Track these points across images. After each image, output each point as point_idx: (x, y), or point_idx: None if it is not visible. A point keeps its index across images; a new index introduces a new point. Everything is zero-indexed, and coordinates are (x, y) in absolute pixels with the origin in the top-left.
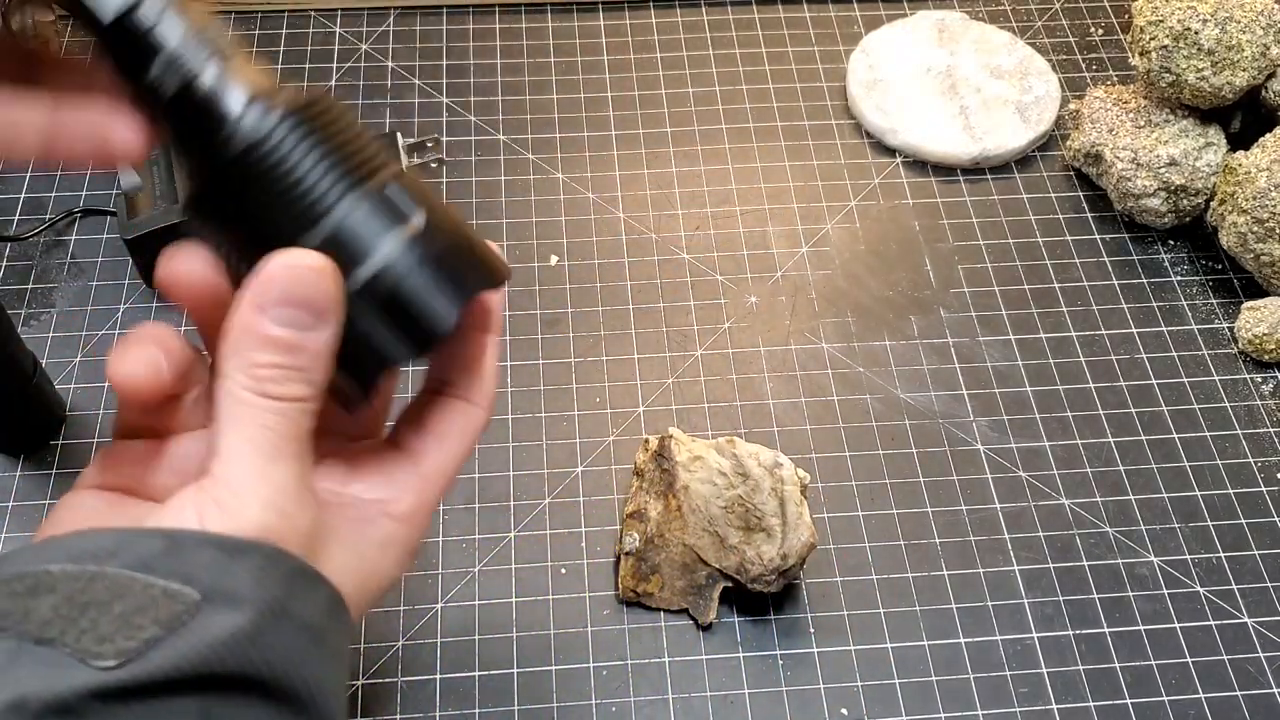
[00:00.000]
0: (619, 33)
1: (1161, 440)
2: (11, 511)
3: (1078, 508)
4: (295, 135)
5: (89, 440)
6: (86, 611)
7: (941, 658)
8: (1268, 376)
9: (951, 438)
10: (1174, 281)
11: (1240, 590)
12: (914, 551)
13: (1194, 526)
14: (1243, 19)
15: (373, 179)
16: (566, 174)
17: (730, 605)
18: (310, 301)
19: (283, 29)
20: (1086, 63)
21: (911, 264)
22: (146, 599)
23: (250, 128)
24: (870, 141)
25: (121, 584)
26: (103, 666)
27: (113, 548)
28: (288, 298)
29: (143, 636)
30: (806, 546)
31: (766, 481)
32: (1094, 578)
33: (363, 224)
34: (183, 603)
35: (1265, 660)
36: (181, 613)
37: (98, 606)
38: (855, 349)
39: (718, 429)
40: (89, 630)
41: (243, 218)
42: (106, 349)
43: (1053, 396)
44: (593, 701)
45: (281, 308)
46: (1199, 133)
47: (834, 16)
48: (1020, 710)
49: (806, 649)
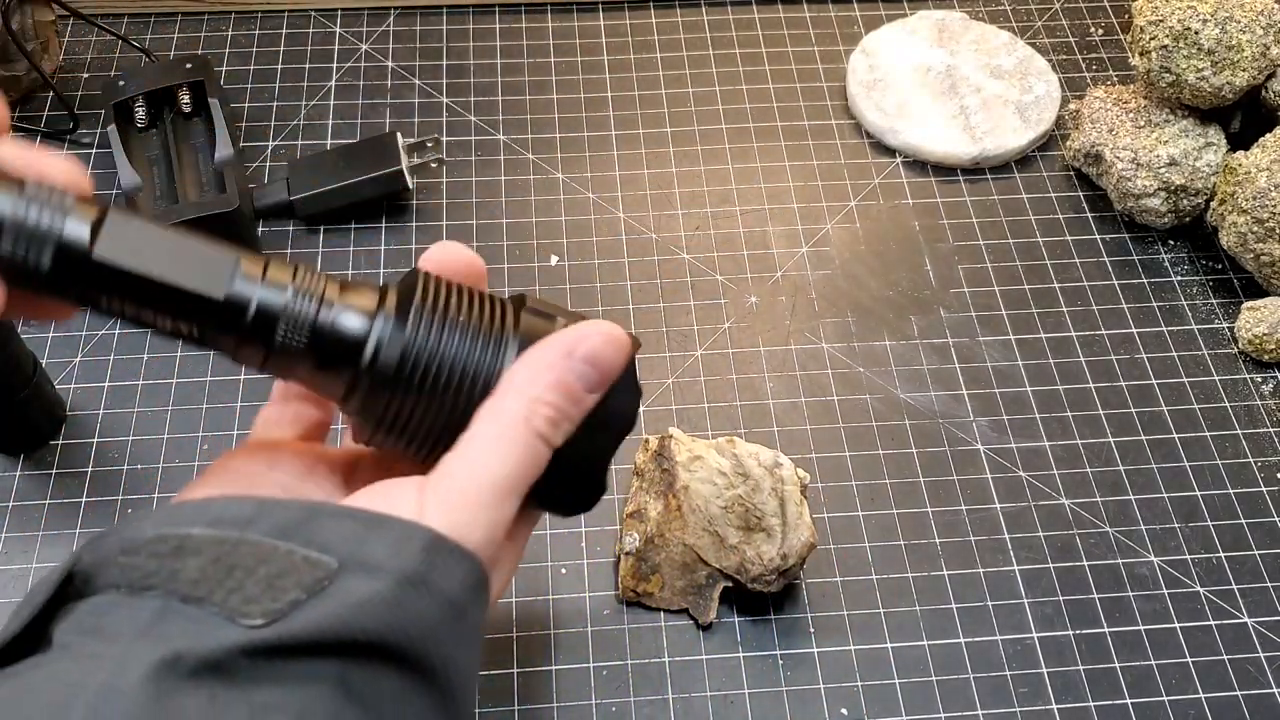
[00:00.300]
0: (619, 33)
1: (1161, 440)
2: (11, 511)
3: (1078, 508)
4: (428, 328)
5: (89, 440)
6: (233, 573)
7: (941, 658)
8: (1268, 376)
9: (951, 437)
10: (1174, 281)
11: (1240, 590)
12: (914, 551)
13: (1194, 526)
14: (1243, 19)
15: (508, 327)
16: (566, 174)
17: (730, 605)
18: (608, 368)
19: (283, 29)
20: (1086, 62)
21: (911, 264)
22: (288, 564)
23: (388, 343)
24: (870, 141)
25: (265, 550)
26: (250, 625)
27: (251, 515)
28: (594, 357)
29: (287, 599)
30: (806, 546)
31: (766, 481)
32: (1094, 578)
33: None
34: (322, 569)
35: (1265, 660)
36: (321, 579)
37: (243, 569)
38: (855, 349)
39: (718, 429)
40: (236, 590)
41: (415, 412)
42: (106, 349)
43: (1053, 396)
44: (593, 701)
45: (585, 364)
46: (1199, 133)
47: (834, 16)
48: (1020, 710)
49: (806, 649)
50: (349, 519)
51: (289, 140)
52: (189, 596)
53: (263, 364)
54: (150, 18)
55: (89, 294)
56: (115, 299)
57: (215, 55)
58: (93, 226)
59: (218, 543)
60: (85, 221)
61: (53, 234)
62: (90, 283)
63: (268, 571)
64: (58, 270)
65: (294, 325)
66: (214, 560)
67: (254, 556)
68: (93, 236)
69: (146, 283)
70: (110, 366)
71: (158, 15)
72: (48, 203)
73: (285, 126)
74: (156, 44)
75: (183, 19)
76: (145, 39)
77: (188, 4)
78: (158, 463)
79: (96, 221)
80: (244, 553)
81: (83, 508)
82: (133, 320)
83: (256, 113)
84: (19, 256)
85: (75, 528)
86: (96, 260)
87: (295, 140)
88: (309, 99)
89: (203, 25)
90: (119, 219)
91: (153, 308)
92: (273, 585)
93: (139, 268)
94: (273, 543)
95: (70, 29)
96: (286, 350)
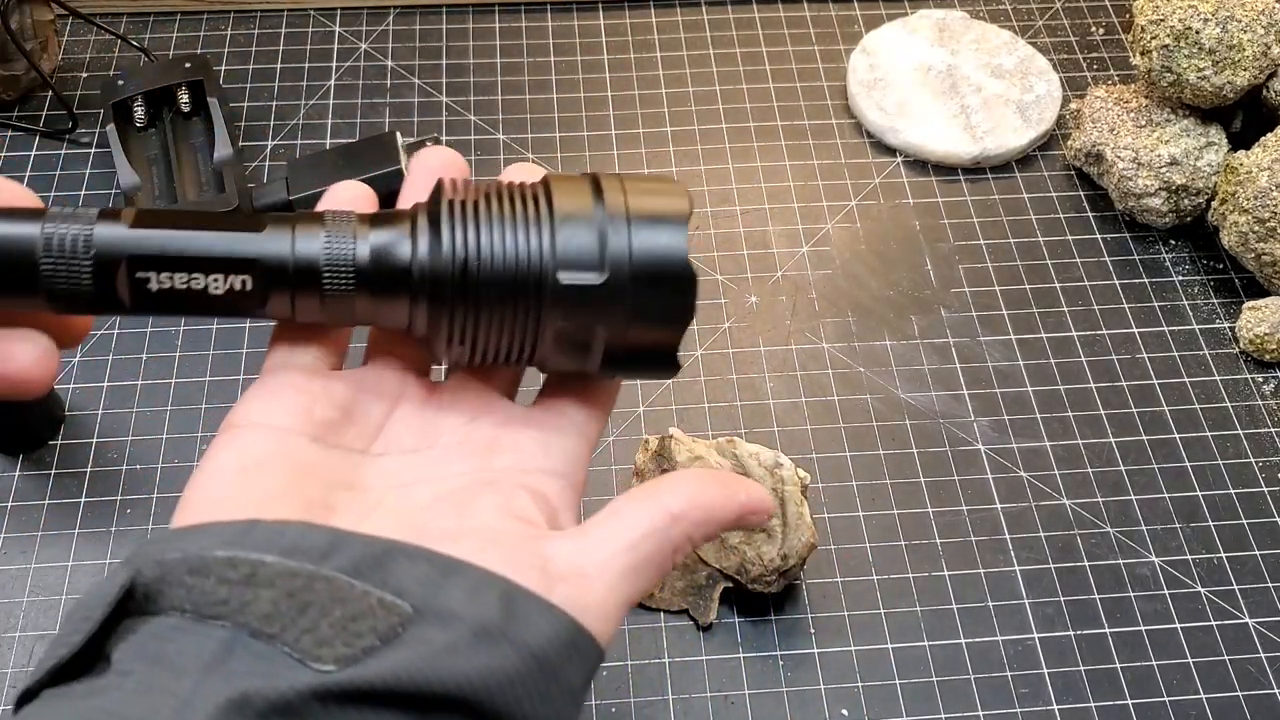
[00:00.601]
0: (619, 32)
1: (1163, 440)
2: (10, 511)
3: (1079, 508)
4: (464, 229)
5: (88, 440)
6: (306, 612)
7: (942, 658)
8: (1269, 376)
9: (952, 438)
10: (1175, 281)
11: (1241, 590)
12: (915, 552)
13: (1195, 527)
14: (1244, 18)
15: (542, 208)
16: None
17: (730, 606)
18: (745, 524)
19: (282, 28)
20: (1087, 62)
21: (912, 263)
22: (364, 607)
23: (430, 254)
24: (871, 141)
25: (340, 588)
26: (322, 669)
27: (326, 548)
28: (744, 519)
29: (361, 645)
30: (807, 547)
31: (767, 481)
32: (1095, 578)
33: (579, 238)
34: (397, 615)
35: (1266, 661)
36: (396, 625)
37: (318, 608)
38: (856, 349)
39: (718, 429)
40: (310, 631)
41: (479, 316)
42: (105, 349)
43: (1054, 396)
44: (593, 702)
45: (742, 514)
46: (1200, 132)
47: (834, 15)
48: (1021, 711)
49: (807, 649)
50: (425, 561)
51: (288, 140)
52: (259, 632)
53: (321, 313)
54: (149, 17)
55: (134, 301)
56: (158, 298)
57: (214, 54)
58: (123, 232)
59: (291, 575)
60: (115, 229)
61: (88, 250)
62: (132, 287)
63: (343, 613)
64: (101, 286)
65: (338, 266)
66: (288, 595)
67: (329, 595)
68: (124, 286)
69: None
70: (109, 366)
71: (157, 14)
72: (72, 222)
73: (284, 126)
74: (155, 43)
75: (182, 18)
76: (144, 38)
77: (187, 3)
78: (157, 463)
79: (127, 225)
80: (318, 590)
81: (81, 508)
82: (179, 312)
83: (256, 112)
84: (60, 282)
85: (74, 528)
86: (133, 260)
87: (294, 140)
88: (308, 98)
89: (202, 24)
90: (143, 215)
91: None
92: (347, 628)
93: (177, 250)
94: (349, 581)
95: (69, 28)
96: (337, 293)
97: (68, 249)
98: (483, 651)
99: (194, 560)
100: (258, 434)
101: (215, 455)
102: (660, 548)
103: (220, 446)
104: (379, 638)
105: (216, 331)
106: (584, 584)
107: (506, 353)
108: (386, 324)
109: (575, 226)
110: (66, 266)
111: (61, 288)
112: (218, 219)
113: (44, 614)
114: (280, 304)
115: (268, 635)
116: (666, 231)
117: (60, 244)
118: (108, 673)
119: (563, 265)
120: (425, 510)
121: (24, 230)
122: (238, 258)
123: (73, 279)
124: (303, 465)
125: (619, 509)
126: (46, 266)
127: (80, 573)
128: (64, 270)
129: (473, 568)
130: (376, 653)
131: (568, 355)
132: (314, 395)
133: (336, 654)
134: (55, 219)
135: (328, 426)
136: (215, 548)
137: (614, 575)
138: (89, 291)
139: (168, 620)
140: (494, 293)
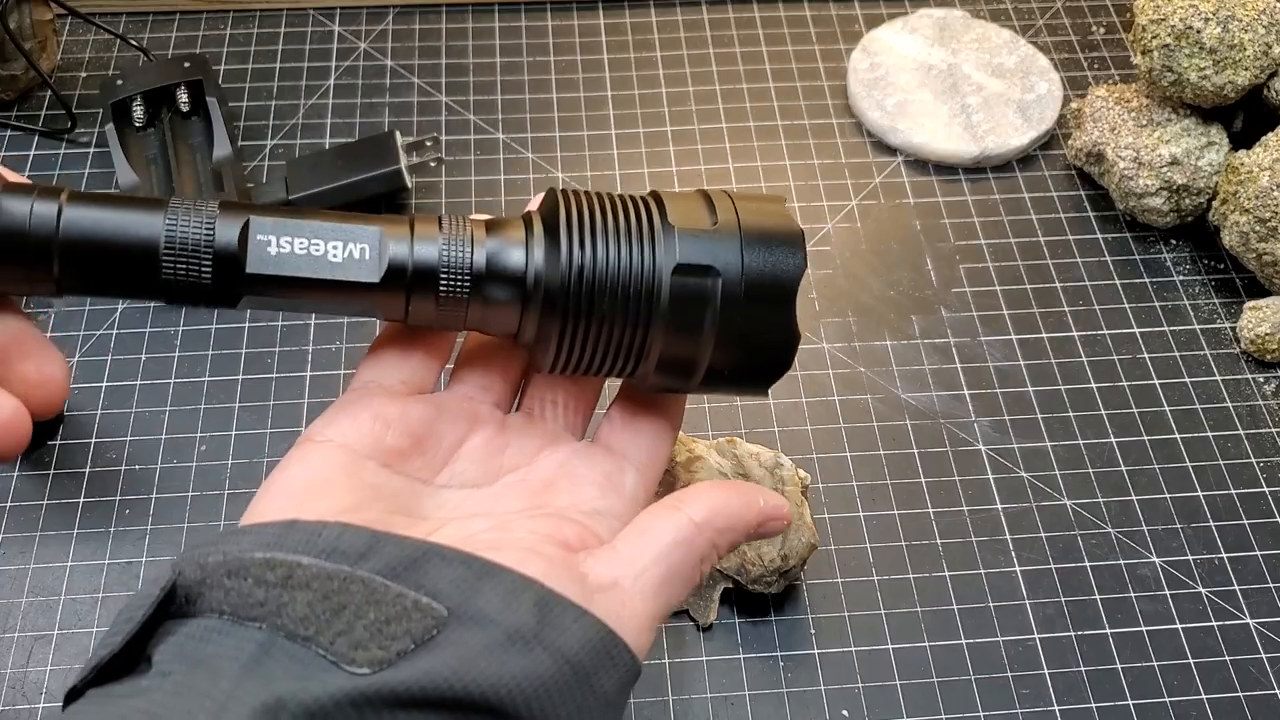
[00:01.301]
0: (619, 32)
1: (1164, 440)
2: (10, 511)
3: (1079, 508)
4: (580, 242)
5: (86, 440)
6: (341, 614)
7: (943, 659)
8: (1270, 376)
9: (953, 438)
10: (1176, 281)
11: (1242, 591)
12: (915, 552)
13: (1196, 527)
14: (1245, 18)
15: (655, 223)
16: (566, 173)
17: (731, 606)
18: (765, 531)
19: (281, 28)
20: (1088, 61)
21: (913, 263)
22: (399, 609)
23: (546, 265)
24: (871, 140)
25: (375, 590)
26: (357, 672)
27: (363, 549)
28: (765, 525)
29: (395, 648)
30: (807, 547)
31: (767, 482)
32: (1096, 579)
33: (694, 251)
34: (432, 617)
35: (1267, 661)
36: (431, 627)
37: (353, 610)
38: (856, 349)
39: (718, 429)
40: (344, 633)
41: (589, 328)
42: (104, 349)
43: (1055, 396)
44: None
45: (762, 520)
46: (1201, 132)
47: (835, 15)
48: (1022, 711)
49: (807, 650)
50: (461, 564)
51: (287, 139)
52: (295, 634)
53: (435, 316)
54: (148, 16)
55: (249, 298)
56: (272, 298)
57: (213, 54)
58: (239, 234)
59: (328, 577)
60: (233, 229)
61: (207, 247)
62: (249, 288)
63: (377, 616)
64: (218, 284)
65: (453, 273)
66: (323, 597)
67: (364, 597)
68: (241, 246)
69: (303, 283)
70: (108, 367)
71: (156, 14)
72: (193, 215)
73: (283, 125)
74: (154, 43)
75: (181, 18)
76: (143, 38)
77: (186, 3)
78: (155, 463)
79: (243, 229)
80: (354, 592)
81: (80, 508)
82: (291, 310)
83: (255, 112)
84: (180, 275)
85: (73, 528)
86: (250, 273)
87: (294, 139)
88: (307, 98)
89: (201, 24)
90: (262, 222)
91: (312, 303)
92: (382, 631)
93: (295, 272)
94: (384, 583)
95: (68, 28)
96: (452, 299)
97: (186, 253)
98: (517, 656)
99: (233, 562)
100: (330, 452)
101: (288, 468)
102: (688, 558)
103: (293, 460)
104: (414, 640)
105: (215, 331)
106: (619, 595)
107: (611, 364)
108: (494, 330)
109: (690, 240)
110: (185, 271)
111: (182, 279)
112: (335, 231)
113: (42, 614)
114: (394, 304)
115: (303, 638)
116: (780, 251)
117: (179, 247)
118: (149, 673)
119: (677, 277)
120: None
121: (148, 221)
122: (352, 285)
123: (192, 271)
124: (369, 488)
125: (644, 524)
126: (167, 261)
127: (78, 573)
128: (183, 262)
129: (509, 572)
130: (411, 656)
131: (670, 369)
132: (389, 421)
133: (371, 656)
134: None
135: (398, 454)
136: (254, 549)
137: (647, 586)
138: (208, 284)
139: (207, 622)
140: (607, 303)
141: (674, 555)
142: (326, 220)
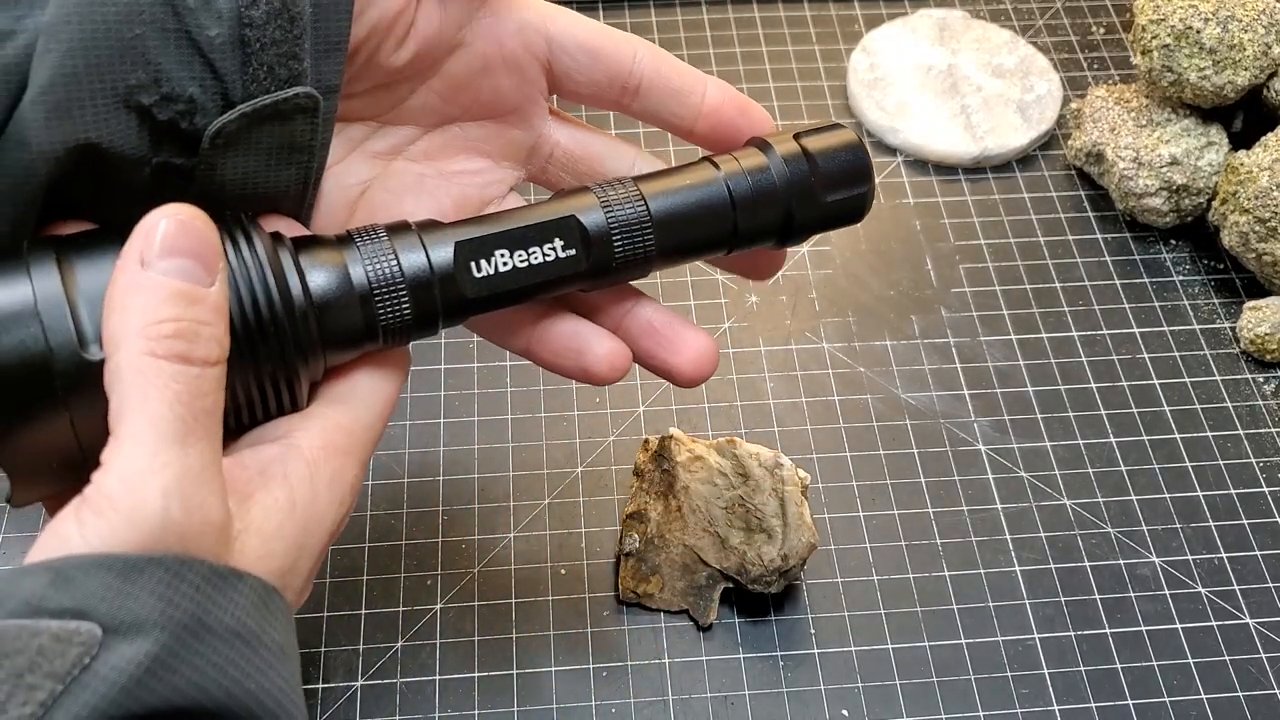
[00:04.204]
0: None
1: (1163, 440)
2: (9, 511)
3: (1079, 508)
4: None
5: None
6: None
7: (943, 659)
8: (1270, 376)
9: (953, 438)
10: (1176, 281)
11: (1242, 591)
12: (915, 552)
13: (1196, 527)
14: (1244, 18)
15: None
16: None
17: (731, 606)
18: (200, 252)
19: None
20: (1088, 61)
21: (913, 263)
22: (35, 650)
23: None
24: (871, 140)
25: (9, 637)
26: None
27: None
28: (175, 248)
29: (38, 699)
30: (807, 547)
31: (767, 482)
32: (1095, 578)
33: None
34: (80, 643)
35: (1267, 661)
36: (80, 655)
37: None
38: (856, 349)
39: (718, 429)
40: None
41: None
42: None
43: (1054, 396)
44: (593, 703)
45: (171, 259)
46: (1201, 132)
47: (835, 15)
48: (1022, 711)
49: (807, 650)
50: (104, 570)
51: None
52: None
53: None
54: None
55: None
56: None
57: None
58: (454, 263)
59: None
60: (443, 258)
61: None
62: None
63: (14, 666)
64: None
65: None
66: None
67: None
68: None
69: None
70: None
71: None
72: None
73: None
74: None
75: None
76: None
77: None
78: None
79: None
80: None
81: None
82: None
83: None
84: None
85: None
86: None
87: None
88: None
89: None
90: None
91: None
92: (21, 684)
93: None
94: (18, 624)
95: None
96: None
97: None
98: (190, 654)
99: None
100: None
101: None
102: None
103: None
104: (58, 681)
105: None
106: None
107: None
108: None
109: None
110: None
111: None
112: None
113: None
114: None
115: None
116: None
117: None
118: None
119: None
120: None
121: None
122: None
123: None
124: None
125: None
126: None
127: None
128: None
129: (155, 562)
130: (60, 701)
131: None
132: None
133: (20, 716)
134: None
135: None
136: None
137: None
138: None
139: None
140: None
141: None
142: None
